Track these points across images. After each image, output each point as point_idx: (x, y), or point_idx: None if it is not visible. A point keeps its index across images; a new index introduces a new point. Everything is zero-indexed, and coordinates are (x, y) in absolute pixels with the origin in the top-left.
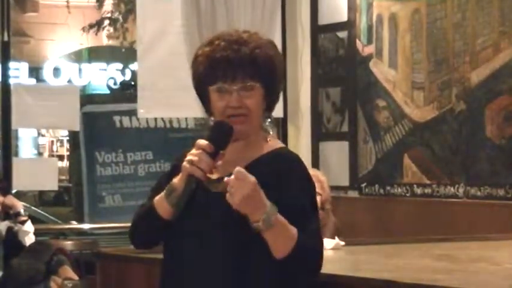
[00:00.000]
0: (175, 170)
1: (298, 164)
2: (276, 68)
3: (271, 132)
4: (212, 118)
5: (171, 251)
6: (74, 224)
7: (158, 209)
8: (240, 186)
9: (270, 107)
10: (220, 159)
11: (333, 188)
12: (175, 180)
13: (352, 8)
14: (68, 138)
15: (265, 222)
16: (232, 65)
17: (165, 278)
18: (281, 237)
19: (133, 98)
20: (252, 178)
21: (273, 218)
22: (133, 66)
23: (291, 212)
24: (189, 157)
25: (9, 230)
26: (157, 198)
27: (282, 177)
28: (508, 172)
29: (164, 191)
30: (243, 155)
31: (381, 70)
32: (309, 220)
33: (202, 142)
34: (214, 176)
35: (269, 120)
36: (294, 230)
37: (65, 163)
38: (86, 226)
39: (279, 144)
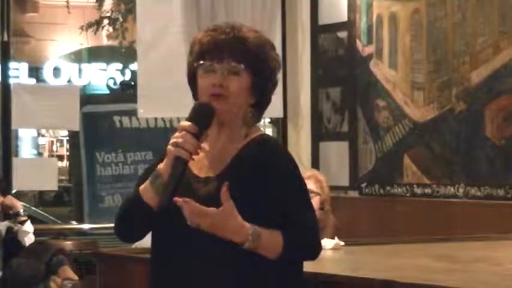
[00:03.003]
0: (161, 161)
1: (279, 150)
2: (267, 64)
3: (253, 123)
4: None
5: (158, 251)
6: (74, 224)
7: (144, 197)
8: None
9: (258, 106)
10: (204, 140)
11: (333, 188)
12: (161, 165)
13: (352, 8)
14: (67, 138)
15: (251, 245)
16: (220, 46)
17: (153, 275)
18: (268, 248)
19: (133, 98)
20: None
21: (258, 241)
22: (133, 66)
23: (280, 206)
24: (173, 140)
25: (9, 230)
26: (142, 186)
27: (265, 167)
28: (508, 172)
29: (150, 178)
30: (225, 152)
31: (380, 70)
32: (299, 211)
33: (185, 123)
34: (201, 175)
35: (251, 115)
36: (278, 238)
37: (65, 163)
38: (85, 226)
39: (259, 131)
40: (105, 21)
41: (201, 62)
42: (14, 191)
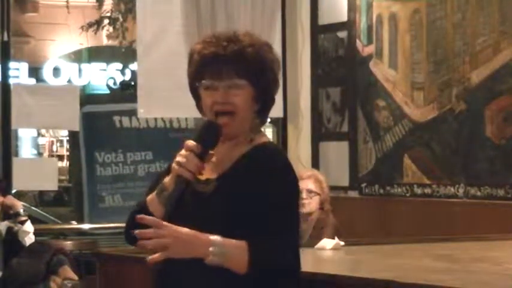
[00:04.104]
0: (170, 169)
1: (278, 160)
2: (267, 69)
3: (259, 131)
4: (204, 118)
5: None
6: (74, 224)
7: (150, 207)
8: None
9: (264, 109)
10: (209, 159)
11: (333, 188)
12: (166, 179)
13: (352, 8)
14: (67, 138)
15: (217, 257)
16: (219, 62)
17: (157, 278)
18: (234, 259)
19: (133, 98)
20: (172, 230)
21: (224, 250)
22: (133, 66)
23: (263, 211)
24: (177, 158)
25: (9, 230)
26: (150, 196)
27: (262, 173)
28: (508, 172)
29: (156, 189)
30: (229, 155)
31: (380, 70)
32: (278, 220)
33: (190, 143)
34: (202, 177)
35: (259, 121)
36: (243, 249)
37: (65, 163)
38: (85, 226)
39: (263, 139)
40: (105, 21)
41: (203, 81)
42: (14, 191)
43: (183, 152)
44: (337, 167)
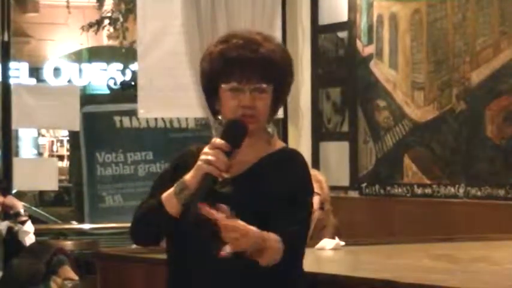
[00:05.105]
0: (179, 168)
1: (300, 159)
2: (288, 72)
3: (274, 134)
4: (219, 117)
5: (176, 251)
6: (74, 224)
7: (167, 205)
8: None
9: (274, 110)
10: (234, 157)
11: (333, 188)
12: (188, 177)
13: (352, 8)
14: (68, 138)
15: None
16: (249, 65)
17: (171, 278)
18: (271, 252)
19: (133, 98)
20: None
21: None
22: (134, 66)
23: (283, 210)
24: (204, 156)
25: (10, 230)
26: (165, 194)
27: (284, 171)
28: (508, 172)
29: (174, 188)
30: (247, 157)
31: (381, 70)
32: (298, 209)
33: (218, 141)
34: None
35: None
36: (277, 241)
37: (65, 163)
38: (86, 226)
39: (281, 143)
40: (106, 22)
41: (229, 84)
42: (14, 191)
43: (208, 150)
44: (337, 167)
